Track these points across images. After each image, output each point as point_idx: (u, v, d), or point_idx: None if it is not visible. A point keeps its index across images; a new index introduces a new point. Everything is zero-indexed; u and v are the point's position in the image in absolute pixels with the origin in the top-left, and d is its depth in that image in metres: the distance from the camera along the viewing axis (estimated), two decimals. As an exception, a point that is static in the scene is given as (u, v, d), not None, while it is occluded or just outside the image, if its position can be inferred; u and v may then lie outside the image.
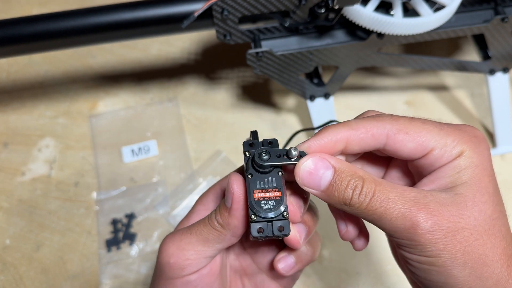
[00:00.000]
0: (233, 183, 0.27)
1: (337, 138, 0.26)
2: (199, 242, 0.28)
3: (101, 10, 0.44)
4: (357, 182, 0.25)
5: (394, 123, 0.26)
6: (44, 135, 0.56)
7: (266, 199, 0.26)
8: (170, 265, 0.28)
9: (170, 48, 0.62)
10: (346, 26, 0.47)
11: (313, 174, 0.25)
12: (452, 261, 0.24)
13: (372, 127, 0.26)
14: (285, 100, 0.59)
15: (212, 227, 0.28)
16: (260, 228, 0.26)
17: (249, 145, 0.28)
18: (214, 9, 0.43)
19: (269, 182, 0.26)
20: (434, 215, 0.24)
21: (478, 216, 0.24)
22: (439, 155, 0.26)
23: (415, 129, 0.26)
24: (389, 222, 0.24)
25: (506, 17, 0.46)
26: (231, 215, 0.27)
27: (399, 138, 0.26)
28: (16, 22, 0.44)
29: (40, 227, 0.51)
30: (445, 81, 0.60)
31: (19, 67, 0.61)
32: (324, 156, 0.26)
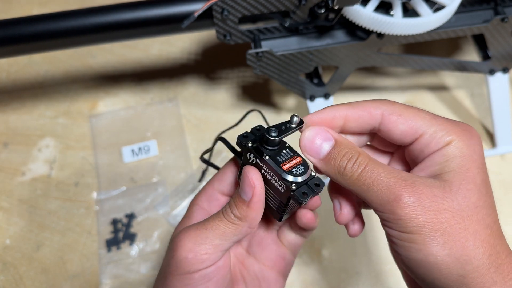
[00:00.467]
0: (253, 177, 0.28)
1: (337, 113, 0.28)
2: (216, 236, 0.28)
3: (102, 10, 0.44)
4: (353, 153, 0.27)
5: (390, 106, 0.28)
6: (44, 135, 0.56)
7: (294, 166, 0.28)
8: (189, 260, 0.28)
9: (171, 48, 0.62)
10: (346, 26, 0.47)
11: (314, 143, 0.28)
12: (432, 239, 0.25)
13: (369, 106, 0.28)
14: (285, 100, 0.59)
15: (228, 221, 0.28)
16: (303, 193, 0.27)
17: (243, 137, 0.29)
18: (214, 9, 0.43)
19: (286, 154, 0.28)
20: (418, 193, 0.25)
21: (461, 201, 0.25)
22: (428, 140, 0.27)
23: (409, 114, 0.28)
24: (375, 194, 0.26)
25: (506, 17, 0.46)
26: (250, 207, 0.28)
27: (393, 119, 0.28)
28: (16, 22, 0.44)
29: (40, 227, 0.51)
30: (445, 81, 0.60)
31: (19, 67, 0.61)
32: (327, 129, 0.28)
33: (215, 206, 0.32)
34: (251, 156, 0.28)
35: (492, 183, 0.54)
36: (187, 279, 0.28)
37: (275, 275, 0.33)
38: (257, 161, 0.28)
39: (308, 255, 0.48)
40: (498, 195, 0.52)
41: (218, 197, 0.32)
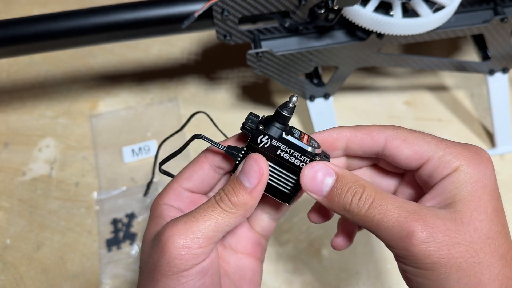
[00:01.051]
0: (263, 164, 0.27)
1: (339, 135, 0.28)
2: (209, 228, 0.27)
3: (102, 11, 0.45)
4: (357, 188, 0.26)
5: (394, 130, 0.28)
6: (44, 135, 0.56)
7: (309, 141, 0.28)
8: (182, 257, 0.26)
9: (171, 49, 0.62)
10: (346, 27, 0.47)
11: (316, 180, 0.27)
12: (446, 276, 0.24)
13: (372, 130, 0.28)
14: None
15: (223, 209, 0.27)
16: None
17: (250, 123, 0.28)
18: (214, 9, 0.43)
19: (296, 131, 0.28)
20: (430, 227, 0.24)
21: (473, 234, 0.25)
22: (436, 165, 0.26)
23: (413, 138, 0.27)
24: (385, 230, 0.25)
25: (506, 17, 0.46)
26: (252, 195, 0.27)
27: (397, 143, 0.27)
28: (16, 22, 0.44)
29: (41, 227, 0.51)
30: (445, 81, 0.60)
31: (20, 67, 0.61)
32: (327, 164, 0.27)
33: (188, 205, 0.30)
34: (264, 139, 0.28)
35: (492, 183, 0.54)
36: (183, 277, 0.26)
37: (254, 262, 0.32)
38: (273, 142, 0.28)
39: (308, 254, 0.49)
40: (498, 195, 0.52)
41: (188, 195, 0.31)
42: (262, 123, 0.28)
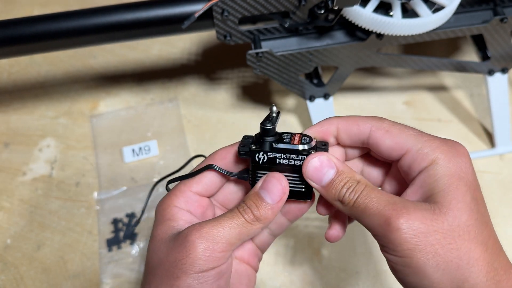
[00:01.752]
0: (284, 182, 0.30)
1: (330, 125, 0.30)
2: (232, 235, 0.29)
3: (102, 11, 0.45)
4: (352, 183, 0.28)
5: (378, 121, 0.30)
6: (45, 135, 0.56)
7: (301, 139, 0.30)
8: (207, 257, 0.28)
9: (171, 49, 0.63)
10: (346, 27, 0.47)
11: (318, 170, 0.29)
12: (424, 262, 0.25)
13: (358, 119, 0.30)
14: (285, 100, 0.59)
15: (246, 221, 0.29)
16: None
17: (243, 147, 0.31)
18: (214, 10, 0.43)
19: (286, 136, 0.30)
20: (407, 215, 0.26)
21: (452, 222, 0.26)
22: (414, 157, 0.28)
23: (395, 130, 0.29)
24: (368, 218, 0.27)
25: (505, 17, 0.46)
26: (273, 210, 0.29)
27: (380, 133, 0.29)
28: (17, 23, 0.45)
29: (41, 227, 0.51)
30: (444, 81, 0.60)
31: (20, 67, 0.61)
32: (330, 157, 0.29)
33: (197, 208, 0.32)
34: (260, 155, 0.30)
35: (492, 183, 0.54)
36: (202, 277, 0.28)
37: (249, 269, 0.34)
38: (269, 155, 0.30)
39: (308, 254, 0.49)
40: (497, 195, 0.52)
41: (197, 199, 0.32)
42: (254, 143, 0.30)
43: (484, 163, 0.54)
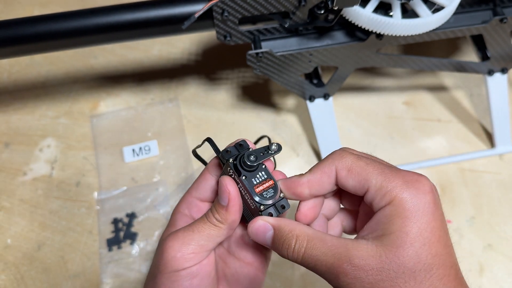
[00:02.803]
0: (227, 184, 0.31)
1: (300, 183, 0.31)
2: (201, 238, 0.31)
3: (102, 11, 0.45)
4: (290, 240, 0.29)
5: (340, 160, 0.30)
6: (45, 135, 0.57)
7: (266, 189, 0.31)
8: (177, 259, 0.31)
9: (171, 49, 0.63)
10: (346, 27, 0.47)
11: (259, 234, 0.31)
12: None
13: (324, 166, 0.31)
14: (285, 100, 0.59)
15: (212, 223, 0.32)
16: (270, 213, 0.31)
17: (226, 153, 0.32)
18: (214, 10, 0.43)
19: (260, 176, 0.31)
20: (354, 268, 0.26)
21: (397, 269, 0.26)
22: (372, 197, 0.28)
23: (357, 168, 0.29)
24: (321, 274, 0.28)
25: (505, 17, 0.46)
26: (228, 212, 0.31)
27: (343, 174, 0.30)
28: (17, 23, 0.45)
29: (41, 227, 0.51)
30: (444, 81, 0.60)
31: (21, 68, 0.62)
32: (265, 219, 0.30)
33: (196, 212, 0.35)
34: (230, 171, 0.31)
35: (491, 184, 0.55)
36: (174, 276, 0.31)
37: (254, 270, 0.35)
38: (235, 177, 0.31)
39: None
40: (497, 195, 0.52)
41: (197, 203, 0.35)
42: (235, 158, 0.32)
43: (483, 163, 0.54)
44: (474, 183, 0.53)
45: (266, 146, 0.32)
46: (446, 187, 0.53)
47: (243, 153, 0.32)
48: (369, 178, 0.29)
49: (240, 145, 0.33)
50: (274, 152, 0.32)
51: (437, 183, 0.53)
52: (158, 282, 0.32)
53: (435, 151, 0.55)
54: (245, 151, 0.32)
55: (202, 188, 0.35)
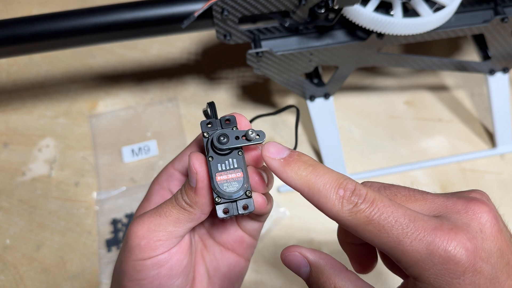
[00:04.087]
0: (195, 163, 0.27)
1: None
2: (170, 223, 0.28)
3: (101, 10, 0.44)
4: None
5: None
6: (44, 135, 0.56)
7: (229, 181, 0.27)
8: (141, 247, 0.28)
9: (170, 48, 0.62)
10: (346, 26, 0.47)
11: (292, 266, 0.27)
12: None
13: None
14: (285, 100, 0.59)
15: (181, 207, 0.28)
16: (226, 208, 0.27)
17: (206, 125, 0.28)
18: (214, 9, 0.43)
19: (230, 163, 0.27)
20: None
21: None
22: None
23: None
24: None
25: (506, 17, 0.46)
26: (197, 194, 0.27)
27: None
28: (16, 22, 0.44)
29: (40, 227, 0.51)
30: (445, 81, 0.60)
31: (19, 67, 0.61)
32: (302, 252, 0.27)
33: (175, 186, 0.31)
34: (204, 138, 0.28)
35: (492, 183, 0.54)
36: (139, 266, 0.28)
37: (235, 257, 0.33)
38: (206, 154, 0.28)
39: (308, 255, 0.48)
40: (498, 195, 0.52)
41: (178, 176, 0.31)
42: (216, 133, 0.28)
43: (485, 163, 0.54)
44: (475, 183, 0.53)
45: (245, 131, 0.28)
46: (447, 187, 0.53)
47: (228, 127, 0.28)
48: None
49: (227, 120, 0.28)
50: (252, 142, 0.27)
51: (438, 183, 0.53)
52: (124, 269, 0.29)
53: (436, 151, 0.55)
54: (223, 129, 0.28)
55: (186, 160, 0.30)
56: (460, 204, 0.25)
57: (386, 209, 0.23)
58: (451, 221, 0.24)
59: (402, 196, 0.26)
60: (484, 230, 0.24)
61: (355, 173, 0.54)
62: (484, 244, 0.23)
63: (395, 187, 0.26)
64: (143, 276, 0.28)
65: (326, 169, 0.25)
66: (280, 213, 0.51)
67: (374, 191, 0.24)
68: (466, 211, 0.24)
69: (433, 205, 0.25)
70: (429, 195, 0.26)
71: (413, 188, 0.26)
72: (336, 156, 0.52)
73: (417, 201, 0.25)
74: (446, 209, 0.25)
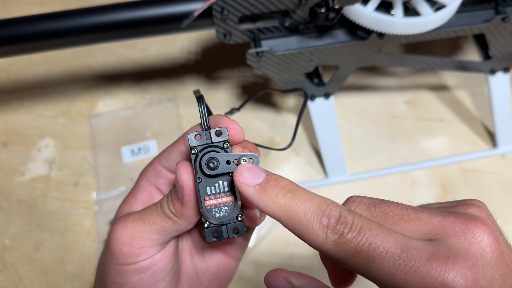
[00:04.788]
0: (182, 175, 0.25)
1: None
2: (154, 231, 0.27)
3: (101, 10, 0.44)
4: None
5: None
6: (43, 135, 0.56)
7: (219, 206, 0.25)
8: (123, 253, 0.27)
9: (170, 48, 0.62)
10: (347, 26, 0.47)
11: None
12: None
13: None
14: (285, 100, 0.59)
15: (166, 216, 0.27)
16: (215, 233, 0.26)
17: (194, 137, 0.26)
18: (214, 8, 0.43)
19: (220, 186, 0.25)
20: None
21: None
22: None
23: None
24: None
25: (507, 16, 0.45)
26: (184, 206, 0.26)
27: None
28: (15, 22, 0.44)
29: (40, 227, 0.51)
30: (446, 80, 0.60)
31: (19, 67, 0.61)
32: (287, 277, 0.25)
33: (162, 184, 0.31)
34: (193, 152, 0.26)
35: (493, 183, 0.54)
36: (121, 271, 0.28)
37: (225, 258, 0.32)
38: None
39: (308, 255, 0.48)
40: (499, 195, 0.52)
41: (165, 174, 0.30)
42: (202, 149, 0.26)
43: (485, 163, 0.54)
44: (476, 183, 0.52)
45: (239, 155, 0.25)
46: (447, 188, 0.53)
47: (207, 150, 0.25)
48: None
49: (217, 132, 0.26)
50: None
51: (439, 183, 0.53)
52: (106, 271, 0.28)
53: (437, 151, 0.55)
54: (213, 148, 0.25)
55: (174, 158, 0.29)
56: (458, 225, 0.22)
57: (375, 238, 0.21)
58: (448, 247, 0.21)
59: (393, 215, 0.23)
60: (485, 255, 0.22)
61: (355, 173, 0.54)
62: (485, 271, 0.21)
63: (386, 204, 0.24)
64: (125, 281, 0.28)
65: (308, 195, 0.23)
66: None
67: (361, 216, 0.22)
68: (465, 234, 0.22)
69: (428, 226, 0.23)
70: (424, 214, 0.23)
71: (407, 204, 0.24)
72: (336, 156, 0.52)
73: (410, 221, 0.23)
74: (442, 231, 0.22)
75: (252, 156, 0.25)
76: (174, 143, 0.30)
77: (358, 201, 0.24)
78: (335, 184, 0.53)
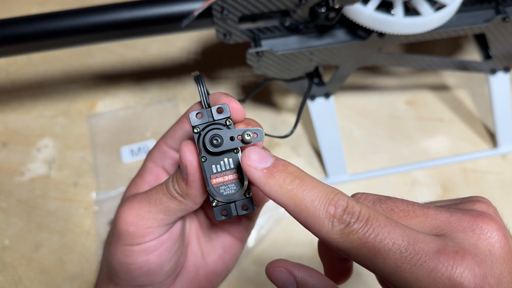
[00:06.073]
0: (186, 154, 0.25)
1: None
2: (160, 211, 0.27)
3: (100, 9, 0.44)
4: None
5: None
6: (43, 135, 0.56)
7: (226, 184, 0.25)
8: (130, 233, 0.27)
9: (170, 48, 0.62)
10: (347, 26, 0.47)
11: (279, 284, 0.25)
12: None
13: None
14: (285, 100, 0.59)
15: (172, 196, 0.27)
16: (224, 211, 0.25)
17: (196, 116, 0.25)
18: (214, 8, 0.43)
19: (226, 164, 0.25)
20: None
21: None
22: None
23: None
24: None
25: (507, 16, 0.45)
26: (189, 186, 0.26)
27: None
28: (15, 22, 0.44)
29: (39, 228, 0.50)
30: (446, 80, 0.59)
31: (18, 67, 0.61)
32: (288, 268, 0.25)
33: (169, 165, 0.30)
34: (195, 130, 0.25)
35: (493, 183, 0.54)
36: (127, 251, 0.28)
37: (231, 239, 0.32)
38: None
39: (308, 255, 0.48)
40: (499, 195, 0.52)
41: (171, 154, 0.30)
42: (204, 128, 0.25)
43: (486, 163, 0.54)
44: (477, 183, 0.52)
45: (242, 130, 0.24)
46: (448, 188, 0.52)
47: (210, 128, 0.24)
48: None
49: (219, 109, 0.25)
50: (248, 142, 0.24)
51: (439, 183, 0.53)
52: (112, 252, 0.28)
53: (437, 151, 0.55)
54: (215, 126, 0.25)
55: (178, 137, 0.29)
56: (465, 221, 0.22)
57: (382, 229, 0.21)
58: (456, 242, 0.21)
59: (399, 212, 0.23)
60: (494, 251, 0.21)
61: (356, 173, 0.53)
62: (494, 268, 0.21)
63: (392, 200, 0.24)
64: (132, 261, 0.28)
65: (316, 182, 0.22)
66: (280, 214, 0.51)
67: (368, 207, 0.22)
68: (473, 230, 0.22)
69: (435, 221, 0.22)
70: (430, 210, 0.23)
71: (412, 201, 0.24)
72: (337, 156, 0.52)
73: (416, 217, 0.23)
74: (450, 227, 0.22)
75: (256, 130, 0.25)
76: (177, 122, 0.30)
77: (363, 198, 0.24)
78: (336, 184, 0.53)
